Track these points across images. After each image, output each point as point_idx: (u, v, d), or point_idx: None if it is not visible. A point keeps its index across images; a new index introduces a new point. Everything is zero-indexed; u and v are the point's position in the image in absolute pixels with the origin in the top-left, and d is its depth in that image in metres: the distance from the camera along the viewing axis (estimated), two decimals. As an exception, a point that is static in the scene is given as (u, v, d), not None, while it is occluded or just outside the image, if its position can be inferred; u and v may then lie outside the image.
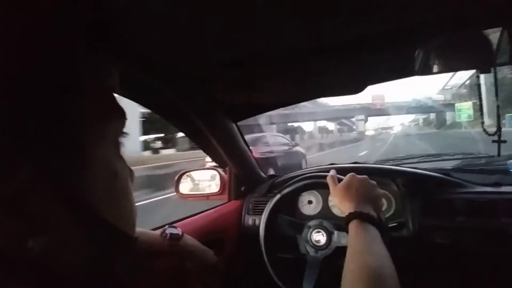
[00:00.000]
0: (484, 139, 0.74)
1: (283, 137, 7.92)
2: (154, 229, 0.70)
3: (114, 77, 0.25)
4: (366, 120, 35.12)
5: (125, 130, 0.23)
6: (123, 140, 0.23)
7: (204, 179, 1.15)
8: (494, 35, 0.51)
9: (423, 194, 0.81)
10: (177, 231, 0.68)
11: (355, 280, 0.42)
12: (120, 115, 0.24)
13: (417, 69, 0.59)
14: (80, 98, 0.20)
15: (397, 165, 1.02)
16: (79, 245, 0.19)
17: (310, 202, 0.98)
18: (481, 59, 0.52)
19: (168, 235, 0.66)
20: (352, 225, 0.53)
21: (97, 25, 0.27)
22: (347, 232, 0.54)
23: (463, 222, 0.73)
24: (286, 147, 7.00)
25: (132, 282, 0.25)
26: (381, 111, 32.03)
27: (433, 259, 0.74)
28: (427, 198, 0.80)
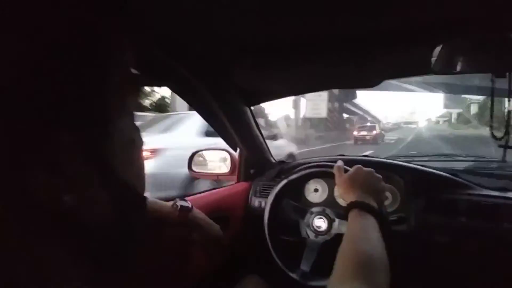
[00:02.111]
0: None
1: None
2: (166, 201, 0.76)
3: (132, 54, 0.27)
4: (352, 97, 23.46)
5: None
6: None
7: (216, 159, 1.20)
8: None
9: (428, 192, 0.82)
10: (187, 204, 0.73)
11: (346, 262, 0.44)
12: (137, 90, 0.27)
13: (433, 67, 0.59)
14: (104, 74, 0.23)
15: (407, 161, 1.03)
16: (103, 201, 0.22)
17: (316, 190, 1.00)
18: (497, 63, 0.52)
19: (179, 207, 0.71)
20: (352, 214, 0.55)
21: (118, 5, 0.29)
22: (347, 220, 0.56)
23: (464, 223, 0.74)
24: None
25: (146, 240, 0.29)
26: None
27: (430, 256, 0.76)
28: (432, 196, 0.81)
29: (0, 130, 0.17)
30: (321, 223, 0.83)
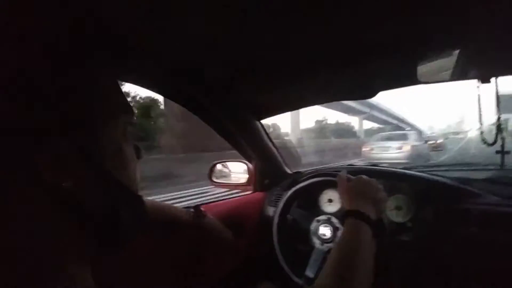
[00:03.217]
0: None
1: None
2: (184, 208, 0.84)
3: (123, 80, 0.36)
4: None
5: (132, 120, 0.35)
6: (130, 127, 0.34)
7: (234, 170, 1.27)
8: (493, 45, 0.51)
9: (439, 201, 0.81)
10: (202, 210, 0.81)
11: (329, 269, 0.47)
12: (128, 110, 0.35)
13: (422, 78, 0.61)
14: (97, 99, 0.31)
15: (422, 171, 1.01)
16: (96, 191, 0.30)
17: (330, 200, 1.02)
18: (482, 69, 0.53)
19: (193, 212, 0.79)
20: (347, 222, 0.57)
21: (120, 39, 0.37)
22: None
23: (475, 233, 0.72)
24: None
25: (139, 230, 0.37)
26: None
27: (436, 266, 0.74)
28: (443, 205, 0.80)
29: (19, 131, 0.26)
30: (326, 231, 0.85)
